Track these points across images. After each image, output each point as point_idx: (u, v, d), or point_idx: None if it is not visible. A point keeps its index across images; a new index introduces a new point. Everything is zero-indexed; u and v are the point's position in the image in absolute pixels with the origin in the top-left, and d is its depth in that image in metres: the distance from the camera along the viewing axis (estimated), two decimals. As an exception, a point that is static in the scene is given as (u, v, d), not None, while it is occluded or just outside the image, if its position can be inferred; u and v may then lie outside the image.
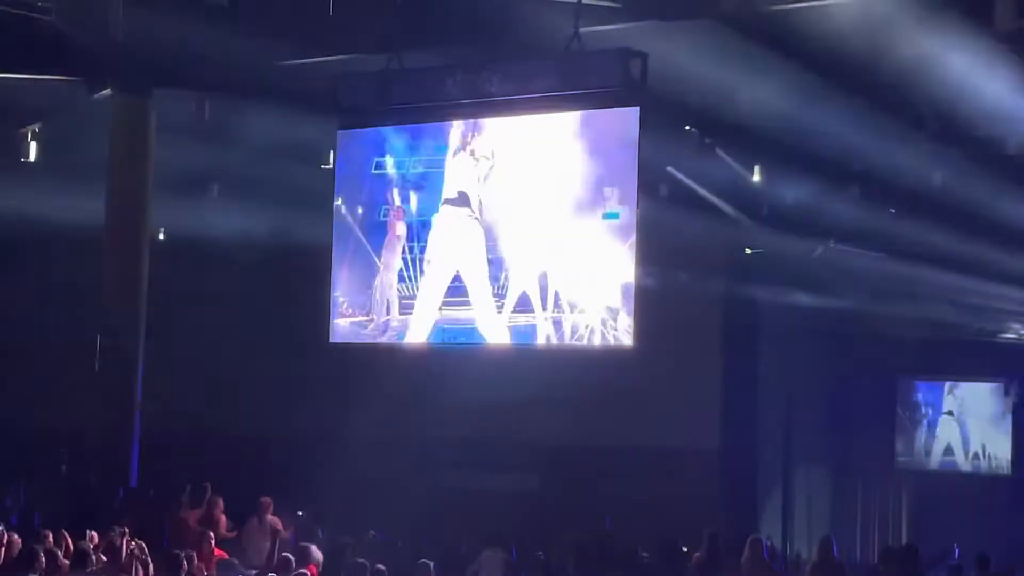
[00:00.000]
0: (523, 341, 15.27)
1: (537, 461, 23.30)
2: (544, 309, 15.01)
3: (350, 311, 16.33)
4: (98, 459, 18.46)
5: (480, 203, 15.54)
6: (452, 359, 18.39)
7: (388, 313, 16.15)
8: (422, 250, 15.87)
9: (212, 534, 14.83)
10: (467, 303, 15.58)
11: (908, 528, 23.42)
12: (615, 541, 15.44)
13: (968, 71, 14.65)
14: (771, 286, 22.45)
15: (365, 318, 16.27)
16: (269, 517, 16.11)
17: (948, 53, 14.36)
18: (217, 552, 14.33)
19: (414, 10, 15.78)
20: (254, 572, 13.61)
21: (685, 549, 16.05)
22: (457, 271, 15.62)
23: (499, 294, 15.28)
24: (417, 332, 15.89)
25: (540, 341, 15.11)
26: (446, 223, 15.75)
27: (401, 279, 16.06)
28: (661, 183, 19.96)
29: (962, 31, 13.93)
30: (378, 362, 19.79)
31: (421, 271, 15.89)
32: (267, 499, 16.16)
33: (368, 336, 16.34)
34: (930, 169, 18.33)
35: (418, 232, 15.98)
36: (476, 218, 15.55)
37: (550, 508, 21.53)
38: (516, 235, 15.24)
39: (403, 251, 16.04)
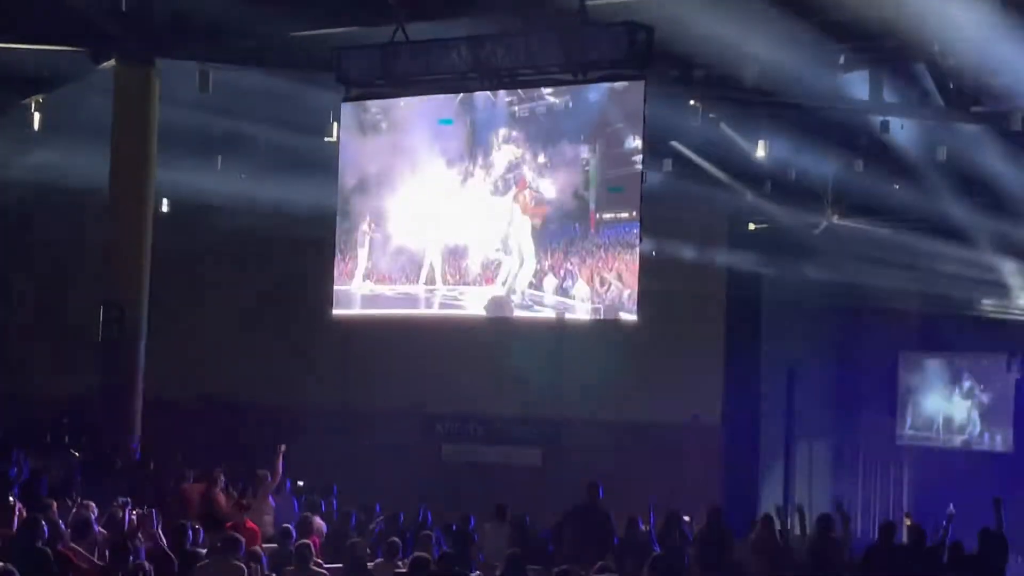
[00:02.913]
0: (528, 315, 15.29)
1: (540, 434, 23.34)
2: (549, 283, 15.02)
3: (354, 283, 16.35)
4: (102, 429, 18.49)
5: (486, 177, 15.54)
6: (457, 332, 18.41)
7: (393, 286, 16.17)
8: (429, 223, 15.88)
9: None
10: (474, 277, 15.60)
11: (908, 504, 23.45)
12: (606, 512, 15.45)
13: (976, 45, 14.61)
14: (774, 260, 22.45)
15: (370, 290, 16.29)
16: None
17: (956, 26, 14.31)
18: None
19: (419, -18, 15.75)
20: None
21: (687, 518, 16.09)
22: (464, 246, 15.63)
23: (506, 268, 15.30)
24: (423, 305, 15.92)
25: (545, 315, 15.13)
26: (453, 198, 15.76)
27: (406, 252, 16.08)
28: (665, 157, 19.94)
29: (971, 3, 13.88)
30: (382, 334, 19.81)
31: (427, 244, 15.91)
32: (263, 472, 16.16)
33: (373, 308, 16.37)
34: (935, 143, 18.30)
35: (426, 206, 15.99)
36: (482, 193, 15.57)
37: (553, 481, 21.55)
38: (522, 209, 15.24)
39: (409, 223, 16.05)
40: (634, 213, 14.47)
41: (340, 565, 12.80)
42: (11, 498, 13.85)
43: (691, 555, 14.44)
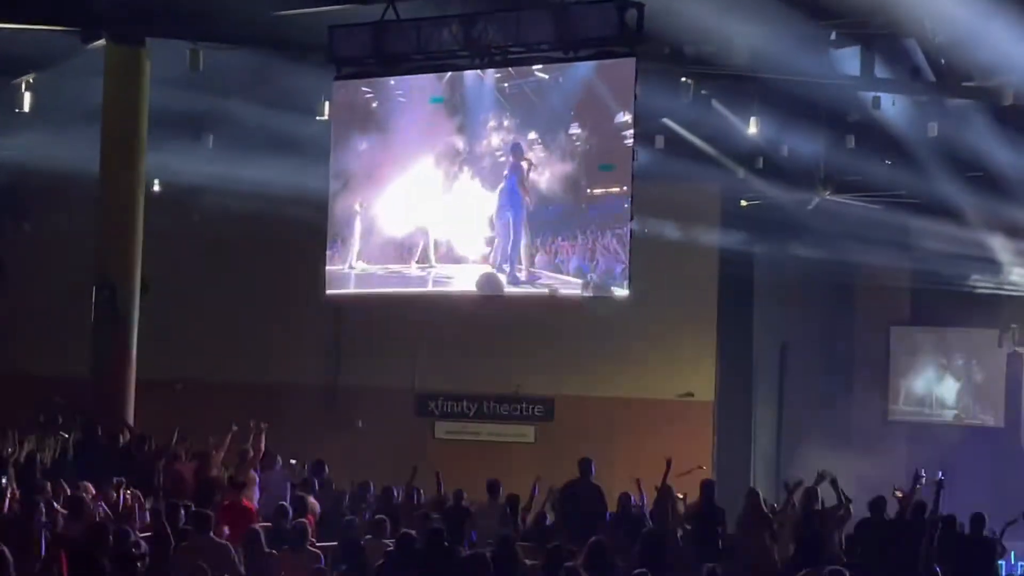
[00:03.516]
0: (520, 291, 15.31)
1: (533, 411, 23.37)
2: (541, 259, 15.03)
3: (346, 261, 16.37)
4: (94, 410, 18.49)
5: (477, 156, 15.55)
6: (450, 310, 18.42)
7: (386, 265, 16.18)
8: (421, 203, 15.90)
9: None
10: (466, 255, 15.62)
11: (901, 479, 23.47)
12: (599, 488, 15.48)
13: (966, 20, 14.60)
14: (766, 237, 22.45)
15: (362, 270, 16.30)
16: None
17: (946, 1, 14.31)
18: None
19: (409, -40, 15.70)
20: None
21: (680, 494, 16.16)
22: (457, 224, 15.65)
23: (498, 244, 15.32)
24: (415, 283, 15.94)
25: (537, 291, 15.16)
26: (444, 177, 15.77)
27: (399, 232, 16.09)
28: (657, 134, 19.93)
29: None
30: (375, 313, 19.83)
31: (419, 223, 15.92)
32: (246, 447, 16.19)
33: (365, 287, 16.38)
34: (926, 119, 18.30)
35: (418, 185, 15.99)
36: (473, 172, 15.59)
37: (546, 458, 21.59)
38: (512, 187, 15.25)
39: (402, 203, 16.06)
40: (625, 188, 14.49)
41: (334, 543, 12.86)
42: (3, 479, 13.84)
43: (684, 530, 14.49)
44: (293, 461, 18.08)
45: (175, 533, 12.07)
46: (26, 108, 19.74)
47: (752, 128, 18.96)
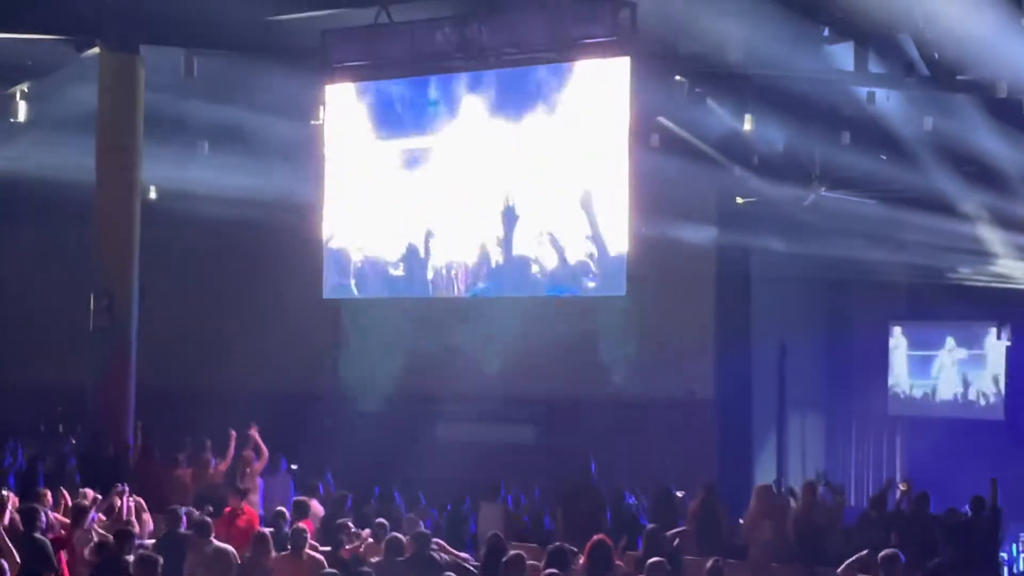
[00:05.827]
0: (518, 292, 15.33)
1: (533, 412, 23.35)
2: (538, 259, 15.04)
3: (343, 265, 16.38)
4: (95, 419, 18.50)
5: (474, 158, 15.57)
6: (449, 312, 18.45)
7: (383, 266, 16.19)
8: (418, 204, 15.91)
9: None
10: (464, 256, 15.62)
11: (902, 473, 23.53)
12: (600, 491, 15.50)
13: (960, 14, 14.61)
14: (763, 234, 22.44)
15: (360, 273, 16.32)
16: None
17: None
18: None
19: (402, -37, 15.73)
20: None
21: (680, 494, 16.17)
22: (452, 227, 15.66)
23: (494, 246, 15.33)
24: (413, 286, 15.96)
25: (534, 292, 15.17)
26: (440, 178, 15.79)
27: (394, 234, 16.10)
28: (652, 133, 19.93)
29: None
30: (374, 316, 19.82)
31: (416, 225, 15.93)
32: (248, 453, 16.26)
33: (363, 291, 16.39)
34: (921, 113, 18.30)
35: (414, 186, 16.01)
36: (469, 172, 15.60)
37: (547, 459, 21.61)
38: (510, 187, 15.27)
39: (398, 205, 16.08)
40: (621, 187, 14.52)
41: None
42: (3, 491, 13.83)
43: (686, 530, 14.49)
44: (294, 467, 18.12)
45: (175, 538, 12.13)
46: (21, 118, 19.74)
47: (747, 125, 18.94)
